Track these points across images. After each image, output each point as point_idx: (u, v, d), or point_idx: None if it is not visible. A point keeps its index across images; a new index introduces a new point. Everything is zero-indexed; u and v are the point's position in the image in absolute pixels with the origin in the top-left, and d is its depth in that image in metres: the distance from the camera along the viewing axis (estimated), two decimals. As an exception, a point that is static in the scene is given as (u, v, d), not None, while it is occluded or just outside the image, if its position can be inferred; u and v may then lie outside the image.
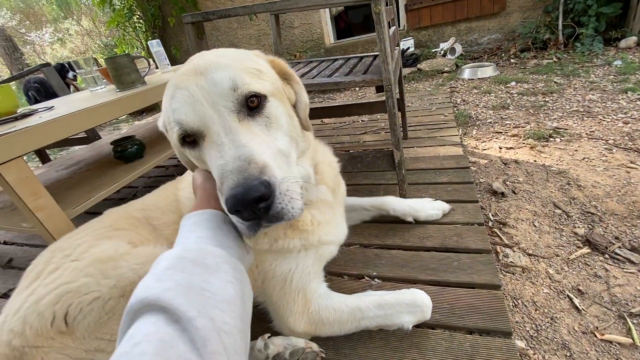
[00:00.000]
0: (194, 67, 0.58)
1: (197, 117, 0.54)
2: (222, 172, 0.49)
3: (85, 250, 0.82)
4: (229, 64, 0.58)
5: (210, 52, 0.65)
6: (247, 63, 0.61)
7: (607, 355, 0.86)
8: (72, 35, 12.86)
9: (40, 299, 0.71)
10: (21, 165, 1.09)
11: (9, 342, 0.68)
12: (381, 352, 0.87)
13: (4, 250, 1.82)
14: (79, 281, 0.72)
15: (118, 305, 0.70)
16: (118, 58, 1.63)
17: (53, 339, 0.67)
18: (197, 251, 0.46)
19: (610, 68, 2.92)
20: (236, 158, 0.49)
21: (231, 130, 0.53)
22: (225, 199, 0.48)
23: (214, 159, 0.52)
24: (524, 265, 1.14)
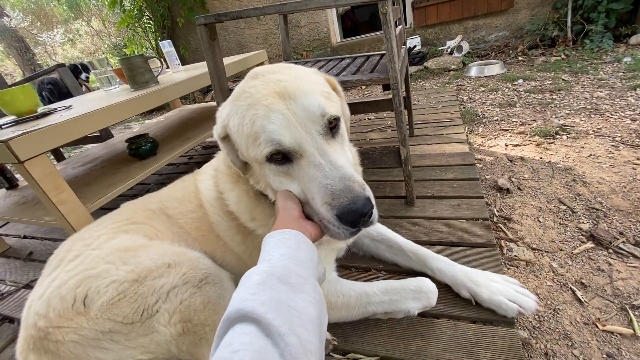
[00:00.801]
0: (275, 90, 0.63)
1: (293, 139, 0.61)
2: (332, 190, 0.59)
3: (105, 241, 0.88)
4: (311, 90, 0.65)
5: (281, 71, 0.68)
6: (320, 87, 0.68)
7: (608, 345, 0.89)
8: (82, 35, 13.06)
9: (62, 283, 0.77)
10: (45, 161, 1.15)
11: (35, 324, 0.74)
12: (387, 339, 0.91)
13: (24, 244, 1.90)
14: (100, 267, 0.78)
15: (130, 288, 0.76)
16: (132, 59, 1.69)
17: (72, 320, 0.73)
18: (283, 269, 0.49)
19: (619, 65, 2.90)
20: (341, 179, 0.59)
21: (325, 152, 0.62)
22: (341, 213, 0.58)
23: (316, 178, 0.60)
24: (528, 259, 1.16)
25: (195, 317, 0.76)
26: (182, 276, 0.80)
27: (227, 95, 1.44)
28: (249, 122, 0.64)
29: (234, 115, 0.68)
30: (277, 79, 0.65)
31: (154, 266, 0.80)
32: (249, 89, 0.66)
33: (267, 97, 0.63)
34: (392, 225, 1.33)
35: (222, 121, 0.73)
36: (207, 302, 0.79)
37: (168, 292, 0.77)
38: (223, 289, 0.83)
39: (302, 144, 0.61)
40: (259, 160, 0.66)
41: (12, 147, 1.07)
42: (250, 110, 0.64)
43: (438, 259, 1.03)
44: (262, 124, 0.62)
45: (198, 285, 0.80)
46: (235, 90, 0.72)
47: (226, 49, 5.55)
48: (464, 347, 0.85)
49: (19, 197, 1.69)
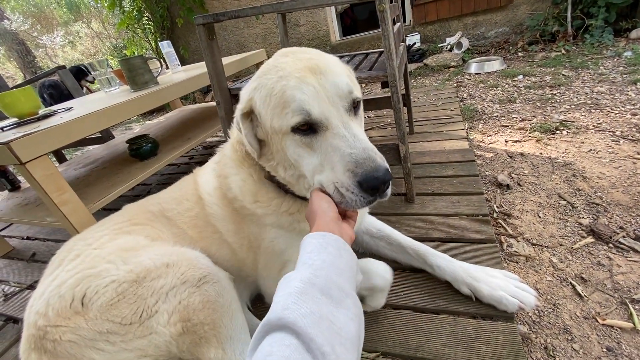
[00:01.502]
0: (307, 65, 0.67)
1: (321, 110, 0.64)
2: (355, 158, 0.61)
3: (107, 241, 0.89)
4: (340, 71, 0.69)
5: (310, 52, 0.73)
6: (346, 71, 0.73)
7: (608, 339, 0.89)
8: (83, 37, 13.09)
9: (62, 282, 0.78)
10: (46, 162, 1.16)
11: (35, 323, 0.75)
12: (387, 335, 0.91)
13: (27, 245, 1.92)
14: (100, 266, 0.79)
15: (130, 289, 0.76)
16: (132, 59, 1.70)
17: (69, 319, 0.73)
18: (325, 279, 0.49)
19: (619, 59, 2.89)
20: (364, 149, 0.62)
21: (349, 125, 0.65)
22: (364, 179, 0.60)
23: (340, 147, 0.63)
24: (528, 255, 1.16)
25: (195, 316, 0.76)
26: (181, 276, 0.80)
27: (227, 95, 1.45)
28: (279, 92, 0.66)
29: (262, 88, 0.70)
30: (308, 57, 0.69)
31: (153, 266, 0.80)
32: (280, 64, 0.69)
33: (300, 70, 0.66)
34: (392, 222, 1.33)
35: (247, 95, 0.74)
36: (207, 301, 0.79)
37: (167, 292, 0.78)
38: (222, 288, 0.83)
39: (329, 117, 0.64)
40: (284, 130, 0.68)
41: (13, 148, 1.08)
42: (281, 82, 0.66)
43: (437, 255, 1.03)
44: (292, 93, 0.64)
45: (197, 285, 0.80)
46: (262, 68, 0.74)
47: (225, 49, 5.55)
48: (464, 342, 0.85)
49: (22, 198, 1.71)
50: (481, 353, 0.82)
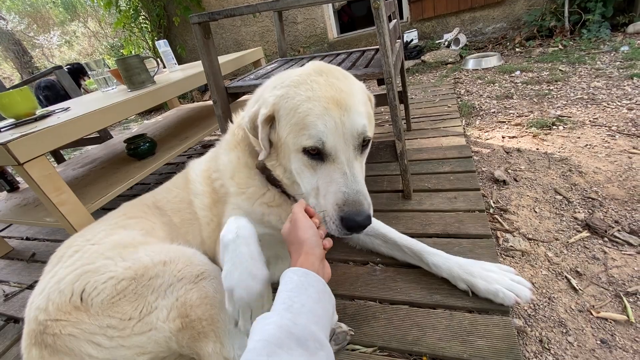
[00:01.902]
0: (335, 96, 0.70)
1: (333, 144, 0.70)
2: (346, 198, 0.68)
3: (105, 236, 0.91)
4: (362, 111, 0.73)
5: (343, 81, 0.75)
6: (367, 108, 0.77)
7: (602, 332, 0.90)
8: (79, 37, 13.04)
9: (62, 278, 0.79)
10: (44, 162, 1.17)
11: (36, 318, 0.77)
12: (384, 330, 0.92)
13: (27, 246, 1.92)
14: (99, 262, 0.81)
15: (129, 287, 0.78)
16: (128, 59, 1.70)
17: (70, 314, 0.75)
18: (303, 329, 0.51)
19: (616, 54, 2.89)
20: (356, 192, 0.68)
21: (352, 165, 0.71)
22: (346, 218, 0.67)
23: (336, 181, 0.70)
24: (524, 249, 1.17)
25: (192, 312, 0.78)
26: (178, 273, 0.82)
27: (224, 94, 1.45)
28: (303, 113, 0.70)
29: (289, 99, 0.73)
30: (339, 87, 0.72)
31: (151, 264, 0.82)
32: (312, 82, 0.72)
33: (327, 99, 0.69)
34: (389, 218, 1.34)
35: (272, 100, 0.76)
36: (204, 297, 0.80)
37: (165, 290, 0.79)
38: (219, 284, 0.83)
39: (338, 151, 0.70)
40: (296, 147, 0.73)
41: (11, 149, 1.08)
42: (308, 104, 0.70)
43: (433, 253, 1.03)
44: (314, 120, 0.69)
45: (194, 282, 0.81)
46: (293, 77, 0.76)
47: (223, 47, 5.54)
48: (460, 336, 0.86)
49: (20, 199, 1.71)
50: (477, 346, 0.83)
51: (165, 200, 1.08)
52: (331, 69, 0.77)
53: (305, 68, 0.78)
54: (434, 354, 0.84)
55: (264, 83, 0.88)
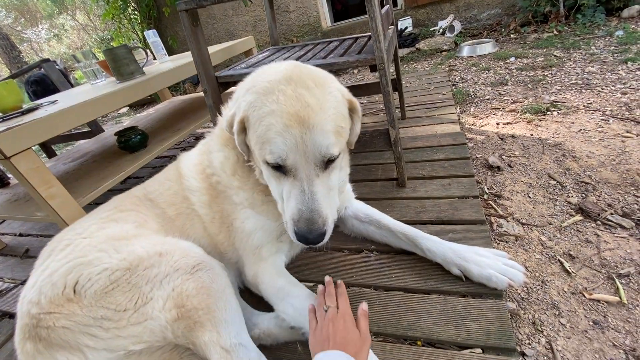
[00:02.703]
0: (299, 113, 0.67)
1: (293, 162, 0.70)
2: (300, 215, 0.71)
3: (96, 230, 0.89)
4: (328, 128, 0.70)
5: (312, 90, 0.71)
6: (339, 120, 0.74)
7: (595, 313, 0.91)
8: (68, 30, 12.77)
9: (54, 271, 0.78)
10: (31, 156, 1.14)
11: (28, 312, 0.75)
12: (379, 316, 0.92)
13: (20, 242, 1.91)
14: (92, 255, 0.80)
15: (123, 277, 0.77)
16: (116, 49, 1.66)
17: (62, 306, 0.74)
18: None
19: (611, 39, 2.87)
20: (312, 211, 0.70)
21: (312, 183, 0.71)
22: (298, 234, 0.72)
23: (294, 197, 0.72)
24: (517, 234, 1.18)
25: (189, 302, 0.77)
26: (174, 264, 0.81)
27: (214, 83, 1.42)
28: (265, 128, 0.70)
29: (257, 108, 0.72)
30: (305, 101, 0.69)
31: (146, 255, 0.81)
32: (279, 93, 0.69)
33: (290, 115, 0.67)
34: (384, 207, 1.34)
35: (244, 107, 0.76)
36: (200, 287, 0.79)
37: (161, 280, 0.78)
38: (215, 275, 0.83)
39: (298, 169, 0.71)
40: (261, 158, 0.74)
41: (-4, 143, 1.06)
42: (271, 118, 0.69)
43: (427, 238, 1.03)
44: (274, 137, 0.69)
45: (190, 272, 0.81)
46: (264, 82, 0.73)
47: (214, 38, 5.45)
48: (454, 320, 0.87)
49: (11, 194, 1.69)
50: (470, 330, 0.83)
51: (158, 192, 1.06)
52: (303, 75, 0.73)
53: (278, 71, 0.75)
54: (428, 338, 0.85)
55: (246, 79, 0.85)
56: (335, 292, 0.87)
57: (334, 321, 0.75)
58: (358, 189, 1.37)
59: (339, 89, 0.78)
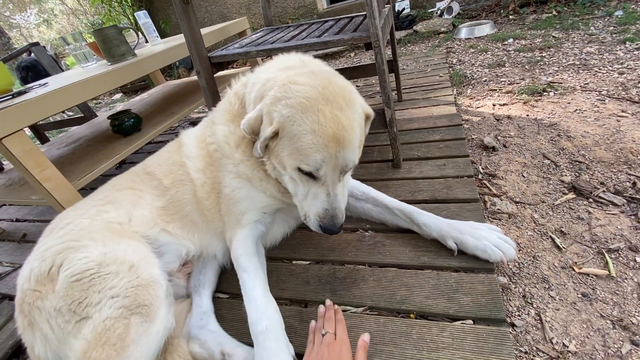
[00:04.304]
0: (336, 134, 0.75)
1: (324, 171, 0.78)
2: (326, 213, 0.82)
3: (96, 213, 0.92)
4: (355, 145, 0.79)
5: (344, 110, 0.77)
6: (361, 135, 0.84)
7: (584, 286, 0.93)
8: (58, 15, 12.43)
9: (48, 248, 0.80)
10: (23, 138, 1.13)
11: (21, 287, 0.78)
12: (373, 291, 0.94)
13: (17, 227, 1.91)
14: (82, 242, 0.81)
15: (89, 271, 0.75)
16: (106, 30, 1.62)
17: (44, 286, 0.74)
18: None
19: (610, 19, 2.84)
20: (335, 209, 0.82)
21: (336, 187, 0.81)
22: (324, 227, 0.83)
23: (321, 199, 0.82)
24: (511, 212, 1.19)
25: (97, 352, 0.70)
26: (130, 288, 0.76)
27: (207, 64, 1.40)
28: (306, 144, 0.76)
29: (296, 125, 0.76)
30: (341, 122, 0.75)
31: (122, 259, 0.79)
32: (319, 113, 0.75)
33: (330, 137, 0.75)
34: (379, 187, 1.34)
35: (278, 119, 0.78)
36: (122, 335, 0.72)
37: (110, 297, 0.74)
38: (144, 333, 0.75)
39: (327, 177, 0.80)
40: (292, 166, 0.80)
41: (-14, 124, 1.05)
42: (312, 137, 0.75)
43: (424, 214, 1.05)
44: (314, 154, 0.76)
45: (130, 309, 0.74)
46: (300, 97, 0.76)
47: (208, 21, 5.33)
48: (446, 293, 0.89)
49: (5, 179, 1.68)
50: (462, 302, 0.85)
51: (156, 164, 1.10)
52: (336, 94, 0.77)
53: (313, 85, 0.77)
54: (421, 311, 0.87)
55: (269, 81, 0.84)
56: (334, 317, 0.85)
57: (330, 347, 0.75)
58: (354, 171, 1.37)
59: (361, 105, 0.84)
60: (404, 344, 0.80)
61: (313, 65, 0.91)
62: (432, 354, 0.77)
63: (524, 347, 0.82)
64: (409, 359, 0.77)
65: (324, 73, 0.82)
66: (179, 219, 1.03)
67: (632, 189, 1.18)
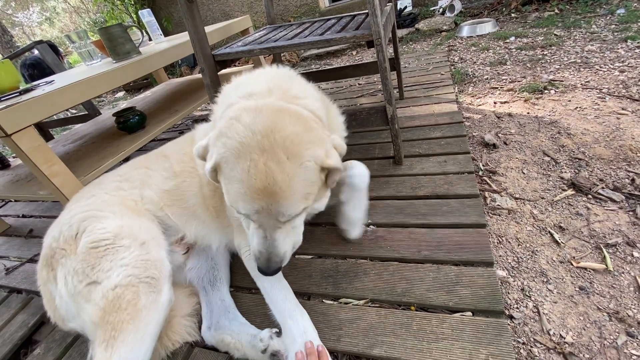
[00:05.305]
0: (268, 189, 0.68)
1: (257, 219, 0.74)
2: (260, 255, 0.77)
3: (114, 189, 1.02)
4: (297, 198, 0.72)
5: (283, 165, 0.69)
6: (308, 188, 0.74)
7: (581, 280, 0.95)
8: (60, 13, 12.46)
9: (75, 214, 0.90)
10: (33, 134, 1.16)
11: (50, 245, 0.88)
12: (374, 284, 0.96)
13: (24, 223, 1.94)
14: (104, 212, 0.91)
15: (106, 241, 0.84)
16: (111, 28, 1.64)
17: (71, 246, 0.85)
18: None
19: (612, 17, 2.84)
20: (269, 253, 0.76)
21: (274, 232, 0.76)
22: (259, 267, 0.78)
23: (257, 241, 0.77)
24: (510, 208, 1.21)
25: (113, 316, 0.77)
26: (139, 260, 0.83)
27: (211, 62, 1.42)
28: (234, 190, 0.72)
29: (229, 168, 0.72)
30: (274, 178, 0.68)
31: (136, 234, 0.88)
32: (250, 163, 0.68)
33: (258, 191, 0.69)
34: (380, 184, 1.37)
35: (215, 157, 0.74)
36: (133, 301, 0.78)
37: (121, 265, 0.81)
38: (154, 302, 0.81)
39: (262, 224, 0.75)
40: (228, 201, 0.77)
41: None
42: (239, 186, 0.70)
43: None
44: (242, 203, 0.71)
45: (140, 278, 0.81)
46: (237, 137, 0.70)
47: (210, 19, 5.34)
48: (446, 286, 0.91)
49: (12, 175, 1.71)
50: (461, 295, 0.87)
51: (173, 150, 1.17)
52: (277, 144, 0.68)
53: (251, 129, 0.70)
54: (421, 304, 0.89)
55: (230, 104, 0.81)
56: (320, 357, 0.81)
57: None
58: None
59: (314, 157, 0.72)
60: (404, 334, 0.82)
61: (277, 95, 0.80)
62: (432, 344, 0.79)
63: (521, 339, 0.84)
64: (410, 349, 0.79)
65: (274, 115, 0.72)
66: (180, 208, 1.07)
67: (631, 186, 1.20)
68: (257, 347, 0.85)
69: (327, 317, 0.92)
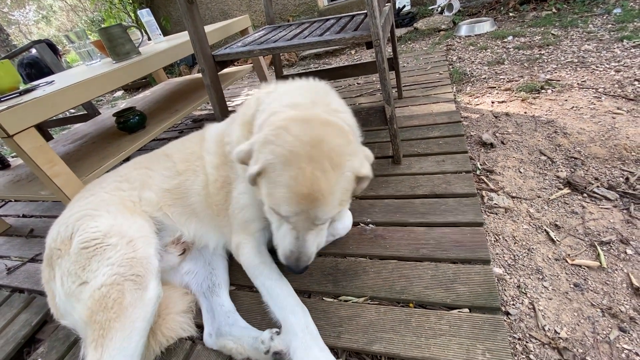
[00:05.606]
0: (311, 194, 0.72)
1: (295, 221, 0.78)
2: (290, 254, 0.81)
3: (114, 189, 1.03)
4: (334, 205, 0.76)
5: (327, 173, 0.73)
6: (344, 195, 0.79)
7: (576, 277, 0.97)
8: (57, 12, 12.39)
9: (72, 214, 0.92)
10: (34, 134, 1.17)
11: (49, 245, 0.90)
12: (374, 282, 0.98)
13: (24, 223, 1.94)
14: (99, 212, 0.92)
15: (95, 240, 0.86)
16: (111, 28, 1.65)
17: (67, 246, 0.86)
18: None
19: (609, 17, 2.86)
20: (299, 252, 0.80)
21: (307, 233, 0.80)
22: (286, 265, 0.83)
23: (289, 240, 0.81)
24: (507, 206, 1.23)
25: (99, 315, 0.79)
26: (125, 259, 0.85)
27: (211, 62, 1.43)
28: (279, 194, 0.75)
29: (276, 174, 0.75)
30: (319, 186, 0.72)
31: (125, 232, 0.90)
32: (298, 171, 0.72)
33: (303, 196, 0.73)
34: (379, 183, 1.39)
35: (262, 163, 0.77)
36: (119, 300, 0.80)
37: (106, 265, 0.83)
38: (139, 298, 0.83)
39: (298, 225, 0.79)
40: (267, 203, 0.81)
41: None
42: (285, 191, 0.74)
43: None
44: (285, 205, 0.75)
45: (124, 276, 0.83)
46: (289, 144, 0.73)
47: (209, 18, 5.34)
48: (444, 284, 0.92)
49: (13, 175, 1.71)
50: (459, 292, 0.89)
51: (176, 149, 1.17)
52: (323, 155, 0.73)
53: (300, 140, 0.73)
54: (419, 301, 0.91)
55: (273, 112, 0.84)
56: None
57: None
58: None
59: (352, 168, 0.77)
60: (403, 331, 0.84)
61: (321, 107, 0.83)
62: (430, 340, 0.81)
63: (517, 334, 0.86)
64: (409, 345, 0.81)
65: (322, 127, 0.76)
66: (181, 206, 1.09)
67: (625, 184, 1.22)
68: (260, 349, 0.86)
69: (327, 315, 0.93)
